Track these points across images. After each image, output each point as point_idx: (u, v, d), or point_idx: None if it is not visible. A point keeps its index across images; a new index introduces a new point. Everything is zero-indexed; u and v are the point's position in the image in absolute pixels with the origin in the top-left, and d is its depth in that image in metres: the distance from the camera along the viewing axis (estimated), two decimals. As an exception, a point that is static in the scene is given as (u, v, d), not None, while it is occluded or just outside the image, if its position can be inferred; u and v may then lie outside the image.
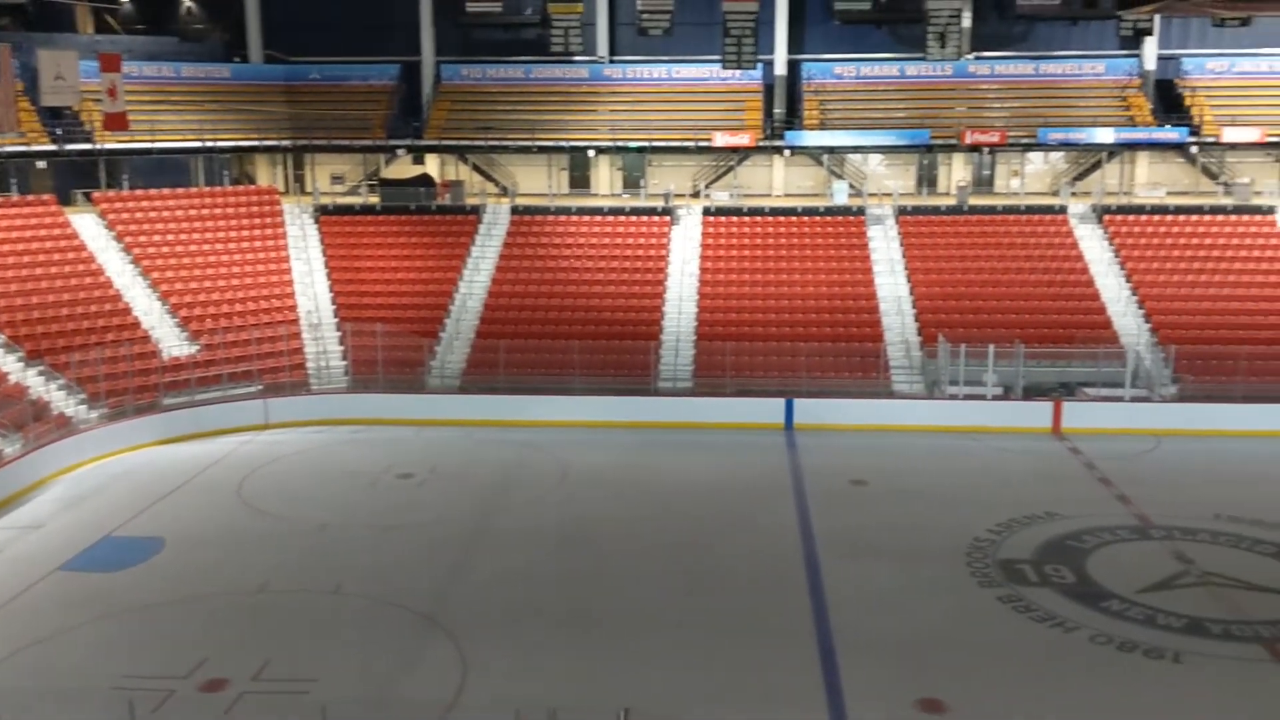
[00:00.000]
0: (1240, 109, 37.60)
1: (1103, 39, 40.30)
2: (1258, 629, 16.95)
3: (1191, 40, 40.53)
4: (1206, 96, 38.49)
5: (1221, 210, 35.48)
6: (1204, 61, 39.79)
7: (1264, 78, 39.25)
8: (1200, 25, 39.82)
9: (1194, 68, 39.70)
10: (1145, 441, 27.04)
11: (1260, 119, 36.66)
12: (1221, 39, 39.84)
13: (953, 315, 31.78)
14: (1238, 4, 33.37)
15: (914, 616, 17.64)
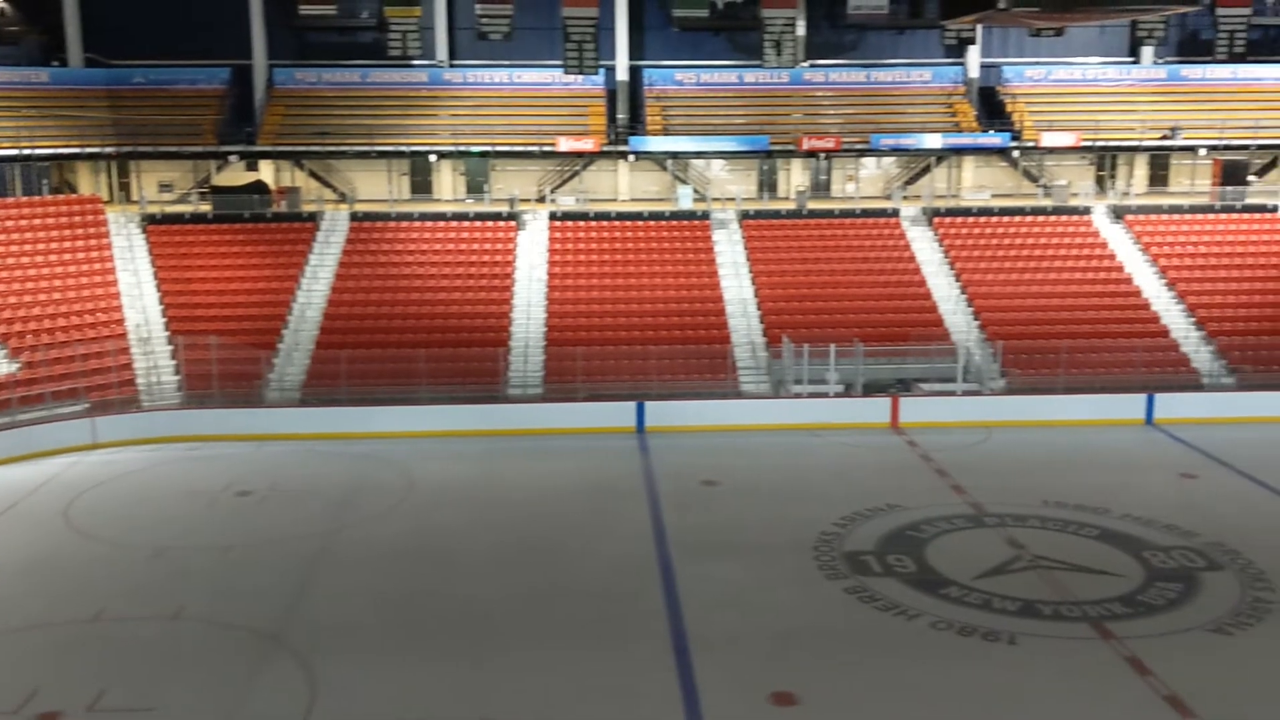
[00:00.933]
0: (1057, 115, 39.67)
1: (929, 48, 41.96)
2: (1085, 609, 17.86)
3: (1011, 49, 42.56)
4: (1026, 103, 40.47)
5: (1042, 211, 37.33)
6: (1023, 70, 41.84)
7: (1078, 85, 41.51)
8: (1019, 35, 41.83)
9: (1014, 76, 41.69)
10: (977, 433, 28.20)
11: (1075, 124, 38.75)
12: (1039, 48, 41.94)
13: (796, 316, 32.54)
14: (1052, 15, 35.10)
15: (765, 611, 17.96)
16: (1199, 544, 20.54)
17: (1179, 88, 41.14)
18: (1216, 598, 18.25)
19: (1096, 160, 40.93)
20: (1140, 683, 15.54)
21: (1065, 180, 39.29)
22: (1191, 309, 32.97)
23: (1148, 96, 40.86)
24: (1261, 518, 22.18)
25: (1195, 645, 16.71)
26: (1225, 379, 30.52)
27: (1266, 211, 37.04)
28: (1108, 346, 30.93)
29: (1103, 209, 37.41)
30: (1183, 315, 32.94)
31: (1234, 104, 40.11)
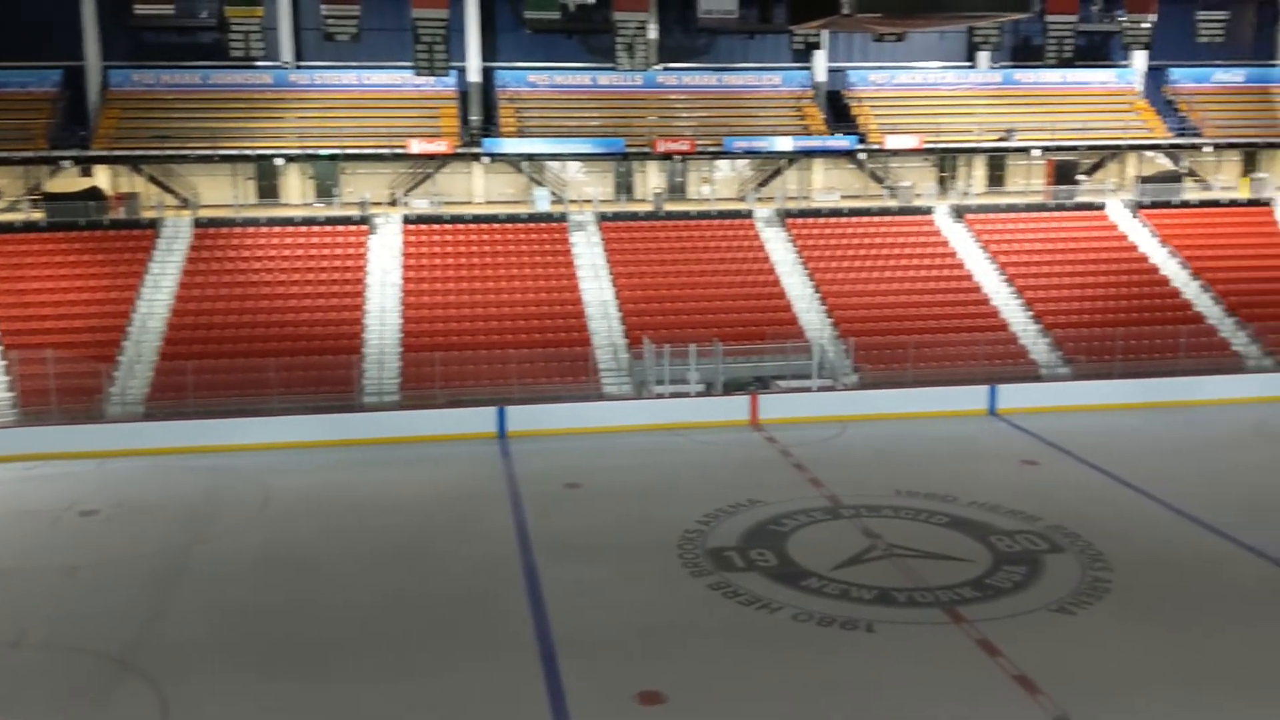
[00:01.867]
0: (900, 118, 40.99)
1: (778, 52, 42.82)
2: (937, 594, 18.50)
3: (856, 54, 43.78)
4: (871, 107, 41.69)
5: (888, 212, 38.52)
6: (867, 74, 43.09)
7: (919, 89, 42.97)
8: (862, 40, 43.06)
9: (859, 80, 42.91)
10: (832, 428, 28.91)
11: (917, 127, 40.11)
12: (882, 53, 43.25)
13: (656, 317, 32.80)
14: (893, 21, 36.22)
15: (630, 611, 18.05)
16: (1041, 528, 21.50)
17: (1013, 91, 42.98)
18: (1059, 579, 19.13)
19: (938, 162, 42.44)
20: (991, 664, 16.18)
21: (909, 181, 40.63)
22: (1029, 303, 34.50)
23: (985, 100, 42.57)
24: (1098, 502, 23.34)
25: (1040, 625, 17.48)
26: (1061, 369, 32.03)
27: (1095, 209, 39.02)
28: (952, 341, 32.11)
29: (945, 209, 38.83)
30: (1021, 309, 34.44)
31: (1064, 107, 42.12)
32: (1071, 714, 14.68)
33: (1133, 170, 42.42)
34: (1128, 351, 31.76)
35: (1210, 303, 35.03)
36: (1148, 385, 30.81)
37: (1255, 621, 17.54)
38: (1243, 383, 31.46)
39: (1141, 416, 29.75)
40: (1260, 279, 36.03)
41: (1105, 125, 41.21)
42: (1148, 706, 14.96)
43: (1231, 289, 35.36)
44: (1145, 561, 19.95)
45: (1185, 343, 32.10)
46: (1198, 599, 18.42)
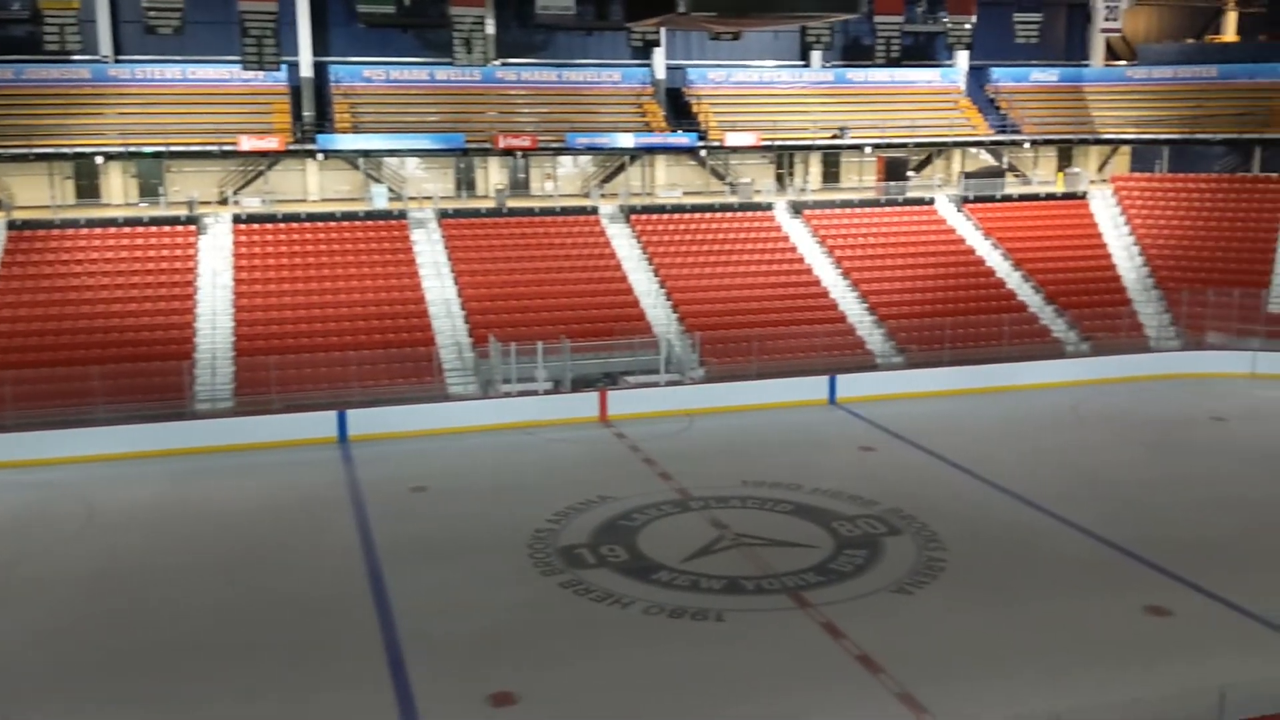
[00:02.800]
0: (739, 115, 41.69)
1: (617, 49, 43.00)
2: (783, 580, 18.88)
3: (694, 52, 44.32)
4: (710, 104, 42.28)
5: (729, 208, 39.13)
6: (706, 72, 43.66)
7: (756, 87, 43.79)
8: (700, 38, 43.62)
9: (698, 77, 43.45)
10: (680, 421, 29.20)
11: (755, 124, 40.85)
12: (719, 51, 43.90)
13: (501, 315, 32.51)
14: (727, 20, 36.80)
15: (481, 613, 17.83)
16: (880, 512, 22.18)
17: (845, 90, 44.23)
18: (897, 560, 19.77)
19: (776, 159, 43.33)
20: (835, 646, 16.60)
21: (749, 178, 41.36)
22: (864, 295, 35.56)
23: (818, 98, 43.68)
24: (932, 484, 24.23)
25: (881, 606, 18.02)
26: (895, 358, 33.13)
27: (924, 204, 40.49)
28: (793, 333, 32.83)
29: (783, 204, 39.68)
30: (857, 301, 35.47)
31: (893, 105, 43.57)
32: (912, 691, 15.17)
33: (958, 166, 44.19)
34: (956, 340, 33.07)
35: (1031, 292, 36.77)
36: (975, 371, 32.13)
37: (1078, 593, 18.48)
38: (1061, 367, 33.11)
39: (970, 401, 31.01)
40: (1076, 268, 38.01)
41: (932, 123, 42.80)
42: (984, 678, 15.57)
43: (1050, 278, 37.20)
44: (977, 540, 20.79)
45: (1008, 330, 33.61)
46: (1026, 573, 19.30)
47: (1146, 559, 19.68)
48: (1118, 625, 17.22)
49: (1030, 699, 14.29)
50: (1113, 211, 41.08)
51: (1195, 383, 32.63)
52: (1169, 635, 16.94)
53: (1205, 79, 44.28)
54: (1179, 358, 33.93)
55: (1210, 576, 18.75)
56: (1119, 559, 19.88)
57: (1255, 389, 32.06)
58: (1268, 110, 42.07)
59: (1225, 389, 32.06)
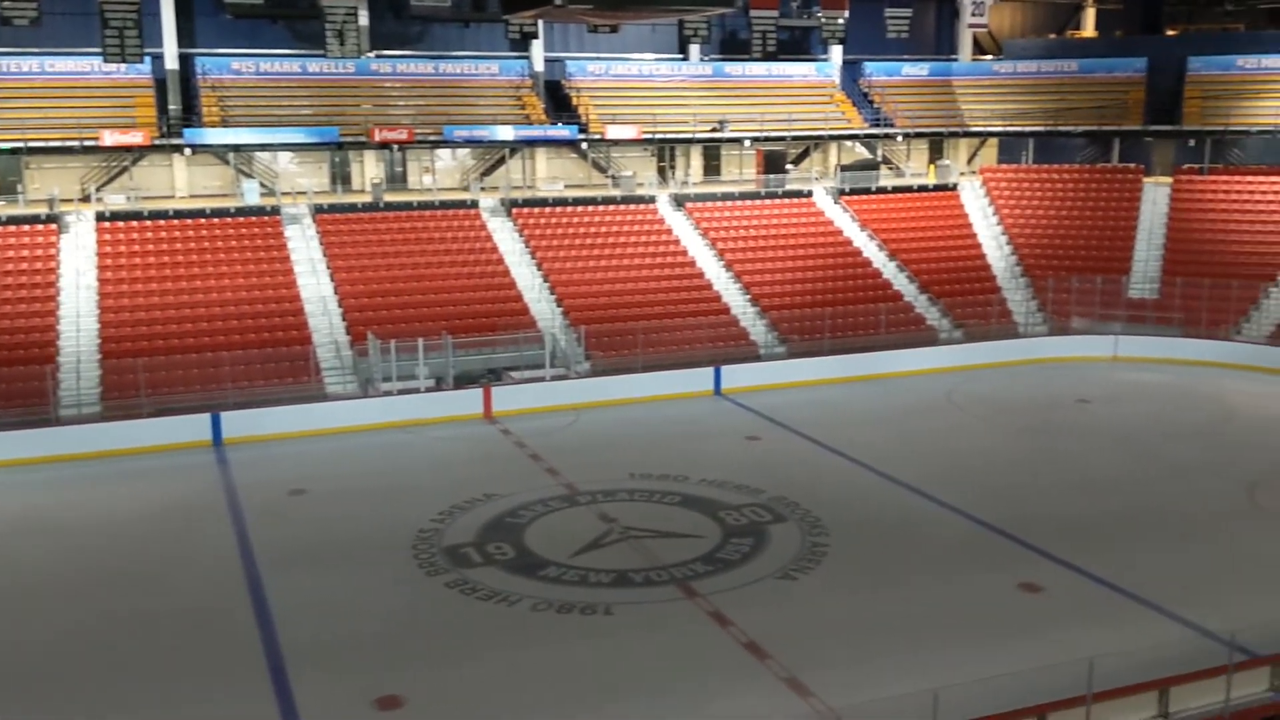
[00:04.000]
0: (619, 108, 41.68)
1: (495, 41, 42.57)
2: (671, 571, 18.97)
3: (573, 45, 44.16)
4: (590, 97, 42.18)
5: (612, 201, 39.10)
6: (585, 64, 43.54)
7: (636, 80, 43.84)
8: (579, 31, 43.50)
9: (577, 70, 43.30)
10: (566, 416, 29.10)
11: (636, 117, 40.89)
12: (598, 44, 43.85)
13: (380, 312, 31.92)
14: (604, 13, 36.80)
15: (365, 617, 17.50)
16: (765, 500, 22.45)
17: (724, 83, 44.60)
18: (782, 547, 20.04)
19: (657, 151, 43.47)
20: (723, 634, 16.74)
21: (631, 171, 41.40)
22: (747, 287, 35.94)
23: (698, 91, 43.95)
24: (815, 471, 24.65)
25: (767, 593, 18.25)
26: (778, 349, 33.58)
27: (803, 196, 41.10)
28: (678, 325, 33.02)
29: (665, 197, 39.84)
30: (740, 293, 35.84)
31: (771, 99, 44.10)
32: (799, 675, 15.38)
33: (834, 159, 44.97)
34: (836, 329, 33.68)
35: (906, 281, 37.66)
36: (854, 360, 32.78)
37: (955, 573, 19.01)
38: (936, 354, 34.00)
39: (850, 389, 31.63)
40: (948, 258, 39.07)
41: (808, 116, 43.44)
42: (868, 659, 15.88)
43: (923, 268, 38.16)
44: (858, 524, 21.21)
45: (885, 319, 34.38)
46: (905, 555, 19.76)
47: (1019, 538, 20.34)
48: (993, 603, 17.75)
49: (912, 677, 14.62)
50: (982, 202, 42.33)
51: (1062, 366, 33.86)
52: (1041, 610, 17.53)
53: (1067, 73, 45.90)
54: (1046, 342, 35.18)
55: (1078, 553, 19.47)
56: (993, 538, 20.50)
57: (1117, 372, 33.41)
58: (1125, 103, 43.83)
59: (1089, 372, 33.35)
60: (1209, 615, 16.78)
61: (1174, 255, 38.21)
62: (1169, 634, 16.46)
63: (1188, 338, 34.12)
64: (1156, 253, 38.72)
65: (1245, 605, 17.17)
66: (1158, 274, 37.72)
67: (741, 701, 14.90)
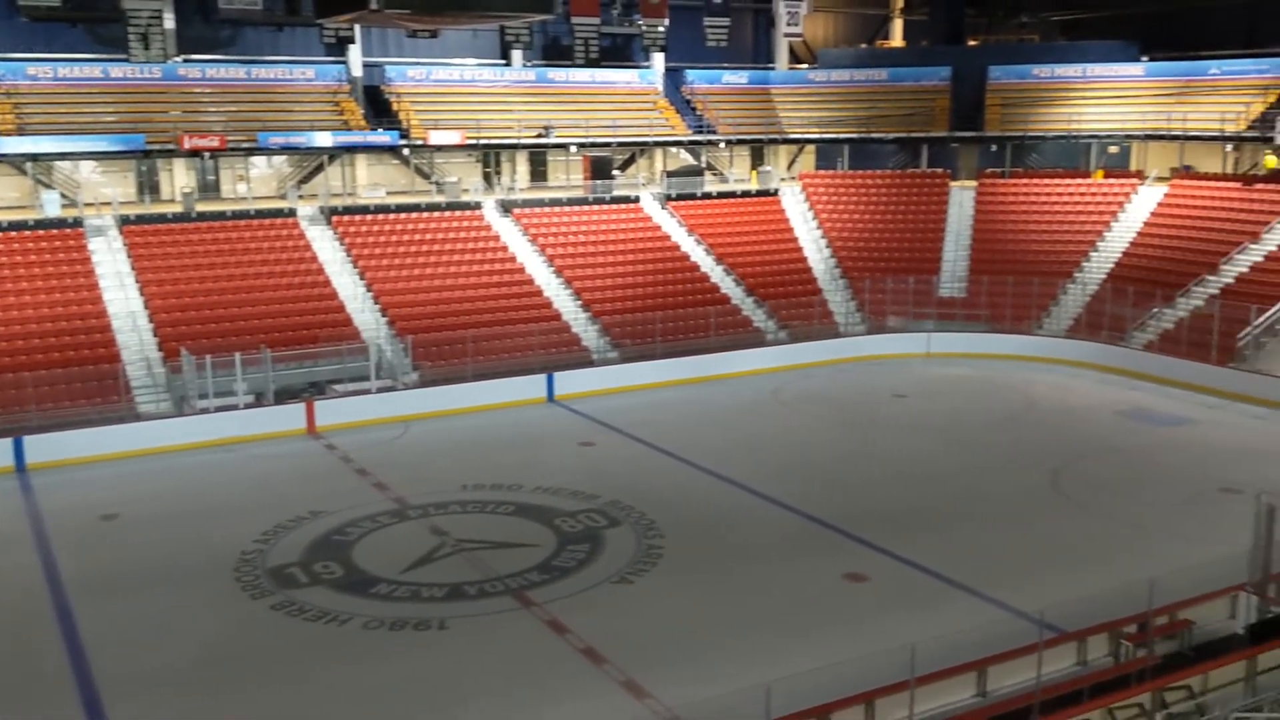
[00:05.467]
0: (442, 114, 41.14)
1: (310, 46, 41.45)
2: (506, 582, 18.80)
3: (392, 49, 43.38)
4: (411, 102, 41.51)
5: (437, 207, 38.56)
6: (405, 69, 42.82)
7: (458, 85, 43.38)
8: (397, 36, 42.76)
9: (397, 75, 42.55)
10: (395, 428, 28.51)
11: (459, 123, 40.46)
12: (418, 49, 43.18)
13: (194, 326, 30.62)
14: (421, 18, 36.29)
15: (184, 644, 16.73)
16: (600, 505, 22.50)
17: (548, 89, 44.58)
18: (618, 551, 20.12)
19: (482, 157, 43.12)
20: (560, 642, 16.69)
21: (456, 177, 40.93)
22: (577, 293, 36.01)
23: (521, 97, 43.81)
24: (649, 474, 24.85)
25: (604, 598, 18.29)
26: (610, 354, 33.76)
27: (631, 202, 41.46)
28: (509, 333, 32.78)
29: (492, 203, 39.55)
30: (570, 299, 35.87)
31: (595, 105, 44.34)
32: (636, 677, 15.47)
33: (660, 165, 45.55)
34: (666, 333, 34.08)
35: (733, 284, 38.43)
36: (685, 363, 33.24)
37: (785, 567, 19.47)
38: (763, 355, 34.79)
39: (681, 391, 32.06)
40: (772, 261, 40.07)
41: (633, 123, 43.87)
42: (704, 657, 16.09)
43: (749, 271, 39.02)
44: (692, 524, 21.49)
45: (714, 322, 34.98)
46: (738, 553, 20.13)
47: (844, 529, 20.99)
48: (822, 594, 18.27)
49: (746, 672, 14.86)
50: (802, 207, 43.58)
51: (880, 363, 35.16)
52: (867, 599, 18.14)
53: (877, 82, 47.73)
54: (865, 341, 36.48)
55: (900, 541, 20.23)
56: (820, 531, 21.10)
57: (930, 367, 34.91)
58: (931, 110, 45.89)
59: (905, 368, 34.74)
60: (1020, 596, 17.67)
61: (980, 255, 40.18)
62: (985, 616, 17.26)
63: (994, 333, 35.91)
64: (964, 253, 40.64)
65: (1052, 585, 18.15)
66: (965, 273, 39.58)
67: (579, 707, 14.89)
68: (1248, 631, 15.91)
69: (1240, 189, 38.64)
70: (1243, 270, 34.95)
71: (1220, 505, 22.04)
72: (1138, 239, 38.87)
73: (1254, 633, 15.77)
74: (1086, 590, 17.59)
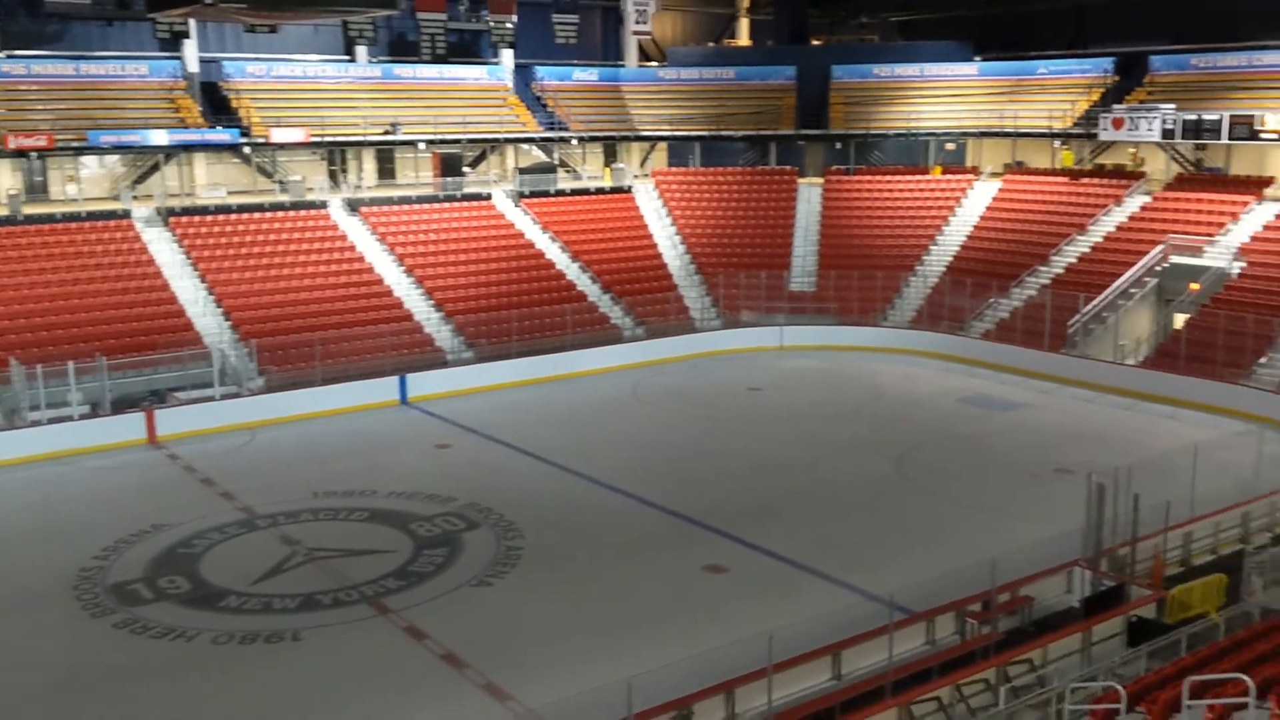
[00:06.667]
0: (284, 111, 39.94)
1: (142, 41, 39.68)
2: (362, 590, 18.40)
3: (230, 45, 41.89)
4: (252, 99, 40.18)
5: (281, 207, 37.44)
6: (244, 65, 41.40)
7: (301, 81, 42.18)
8: (235, 31, 41.31)
9: (236, 71, 41.11)
10: (241, 436, 27.60)
11: (303, 120, 39.35)
12: (258, 44, 41.81)
13: (24, 335, 29.02)
14: (259, 13, 35.17)
15: (23, 669, 15.91)
16: (457, 508, 22.22)
17: (394, 86, 43.71)
18: (477, 554, 19.92)
19: (328, 155, 42.04)
20: (419, 648, 16.43)
21: (300, 176, 39.82)
22: (429, 293, 35.48)
23: (367, 94, 42.85)
24: (507, 474, 24.67)
25: (463, 602, 18.07)
26: (465, 354, 33.37)
27: (482, 199, 41.06)
28: (359, 335, 32.07)
29: (339, 202, 38.62)
30: (423, 299, 35.32)
31: (444, 101, 43.70)
32: (497, 680, 15.33)
33: (512, 162, 45.22)
34: (523, 332, 33.86)
35: (589, 282, 38.46)
36: (542, 361, 33.10)
37: (645, 562, 19.60)
38: (621, 351, 34.95)
39: (539, 390, 31.93)
40: (627, 258, 40.26)
41: (483, 119, 43.42)
42: (566, 656, 16.06)
43: (604, 268, 39.12)
44: (551, 524, 21.43)
45: (571, 319, 34.92)
46: (598, 550, 20.18)
47: (703, 522, 21.25)
48: (682, 587, 18.44)
49: (608, 668, 14.88)
50: (655, 204, 43.91)
51: (736, 357, 35.72)
52: (726, 590, 18.40)
53: (725, 80, 48.41)
54: (720, 336, 36.99)
55: (757, 532, 20.59)
56: (680, 525, 21.31)
57: (783, 360, 35.63)
58: (779, 109, 46.81)
59: (760, 361, 35.38)
60: (872, 579, 18.19)
61: (828, 250, 41.20)
62: (839, 600, 17.71)
63: (843, 325, 36.90)
64: (813, 248, 41.61)
65: (902, 567, 18.74)
66: (815, 268, 40.53)
67: (439, 713, 14.69)
68: (1083, 604, 16.74)
69: (1068, 183, 40.63)
70: (1071, 261, 36.75)
71: (1055, 485, 23.12)
72: (974, 232, 40.47)
73: (1088, 605, 16.60)
74: (933, 571, 18.21)
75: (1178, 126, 37.35)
